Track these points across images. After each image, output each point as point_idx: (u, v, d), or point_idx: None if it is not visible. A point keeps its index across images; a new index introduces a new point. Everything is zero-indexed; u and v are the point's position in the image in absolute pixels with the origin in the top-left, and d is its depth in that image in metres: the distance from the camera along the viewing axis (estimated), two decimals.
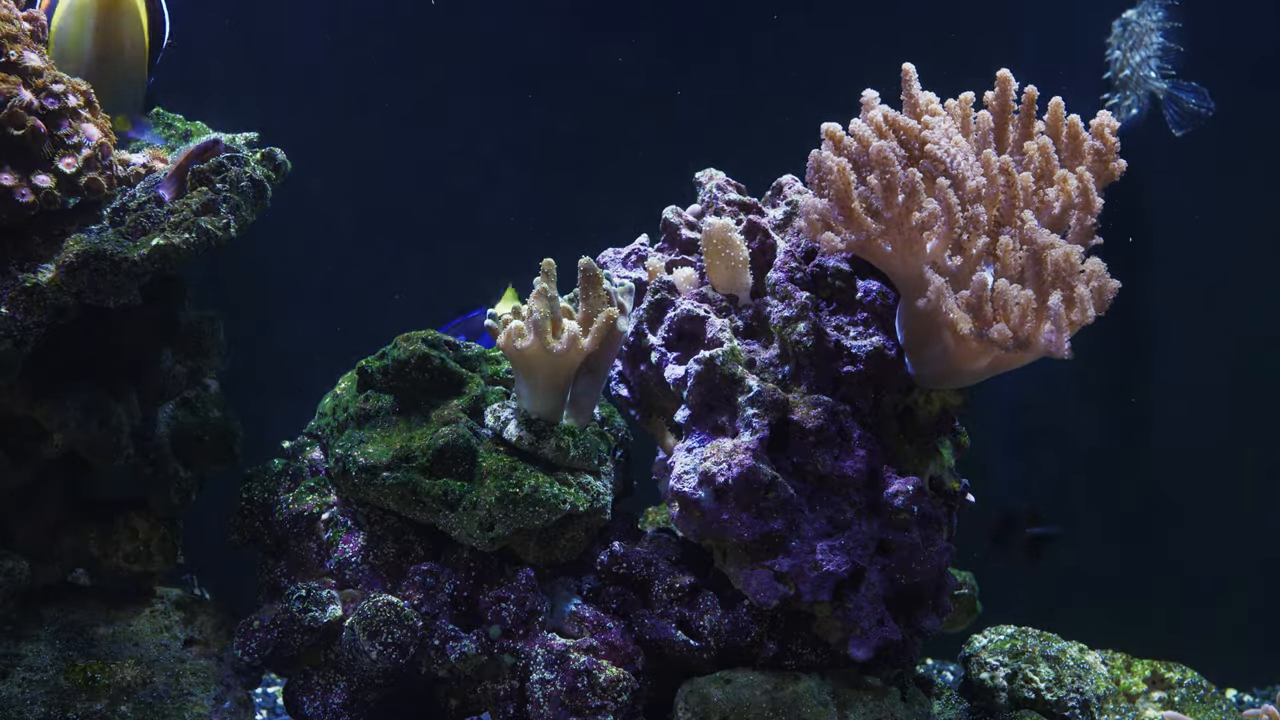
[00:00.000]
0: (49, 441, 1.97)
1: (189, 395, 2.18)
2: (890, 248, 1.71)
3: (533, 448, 1.94)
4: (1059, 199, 1.73)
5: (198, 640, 2.12)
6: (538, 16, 2.83)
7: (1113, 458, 2.97)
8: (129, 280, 1.84)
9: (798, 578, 1.80)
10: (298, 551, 2.06)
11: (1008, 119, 1.81)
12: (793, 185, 2.07)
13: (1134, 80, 2.59)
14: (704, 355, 1.87)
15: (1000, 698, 2.17)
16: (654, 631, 1.90)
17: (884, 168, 1.67)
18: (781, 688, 1.85)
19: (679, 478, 1.83)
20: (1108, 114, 1.78)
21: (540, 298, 1.88)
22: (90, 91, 1.93)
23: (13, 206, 1.81)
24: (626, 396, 2.11)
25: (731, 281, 1.96)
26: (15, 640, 1.98)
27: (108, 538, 2.08)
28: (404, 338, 2.08)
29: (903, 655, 1.90)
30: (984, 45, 2.79)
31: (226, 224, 1.91)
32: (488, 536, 1.90)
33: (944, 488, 1.94)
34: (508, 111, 2.86)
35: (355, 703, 1.97)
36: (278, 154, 2.11)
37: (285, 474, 2.13)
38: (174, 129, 2.16)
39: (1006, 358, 1.70)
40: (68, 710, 1.92)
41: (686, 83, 2.84)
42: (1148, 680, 2.30)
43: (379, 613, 1.89)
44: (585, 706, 1.83)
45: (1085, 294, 1.59)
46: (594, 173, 2.86)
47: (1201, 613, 2.93)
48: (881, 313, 1.87)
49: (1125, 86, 2.61)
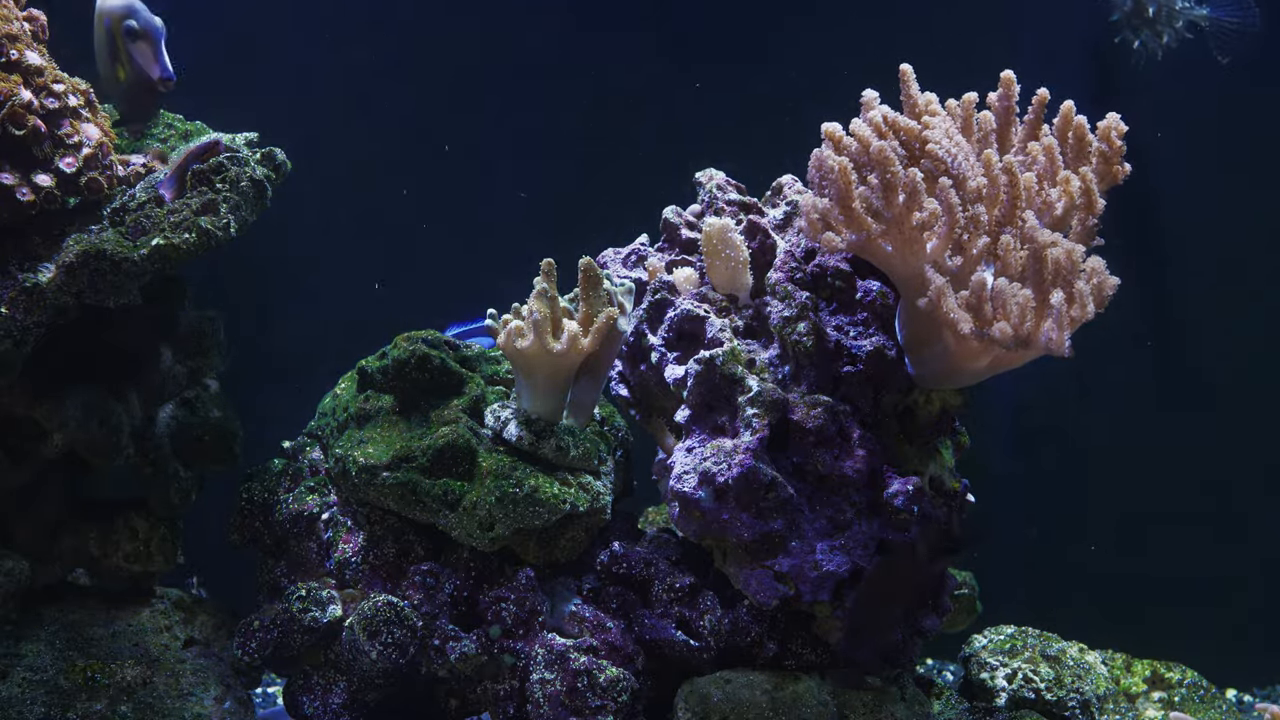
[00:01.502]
0: (49, 441, 1.97)
1: (189, 395, 2.18)
2: (891, 247, 1.71)
3: (533, 448, 1.94)
4: (1061, 199, 1.73)
5: (198, 640, 2.12)
6: (538, 16, 2.83)
7: (1113, 458, 2.97)
8: (129, 280, 1.84)
9: (798, 578, 1.80)
10: (298, 551, 2.06)
11: (1010, 120, 1.81)
12: (793, 185, 2.07)
13: (1163, 16, 2.43)
14: (704, 355, 1.87)
15: (1000, 698, 2.17)
16: (654, 631, 1.90)
17: (884, 167, 1.67)
18: (781, 688, 1.85)
19: (679, 478, 1.83)
20: (1115, 116, 1.77)
21: (540, 298, 1.88)
22: (90, 91, 1.93)
23: (13, 206, 1.81)
24: (626, 396, 2.11)
25: (731, 281, 1.96)
26: (15, 640, 1.98)
27: (108, 538, 2.08)
28: (404, 338, 2.08)
29: (903, 655, 1.90)
30: (984, 46, 2.79)
31: (226, 224, 1.91)
32: (488, 536, 1.90)
33: (944, 488, 1.94)
34: (508, 112, 2.86)
35: (355, 703, 1.97)
36: (278, 154, 2.11)
37: (285, 474, 2.13)
38: (174, 129, 2.16)
39: (1007, 357, 1.70)
40: (68, 710, 1.92)
41: (686, 83, 2.84)
42: (1148, 680, 2.30)
43: (379, 613, 1.89)
44: (585, 706, 1.83)
45: (1084, 290, 1.59)
46: (594, 173, 2.86)
47: (1201, 613, 2.93)
48: (881, 313, 1.87)
49: (1154, 25, 2.44)
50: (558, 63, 2.84)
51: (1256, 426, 2.92)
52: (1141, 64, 2.54)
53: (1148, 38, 2.50)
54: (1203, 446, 2.93)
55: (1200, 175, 2.85)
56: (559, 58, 2.84)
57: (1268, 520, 2.94)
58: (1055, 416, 2.99)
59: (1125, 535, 2.99)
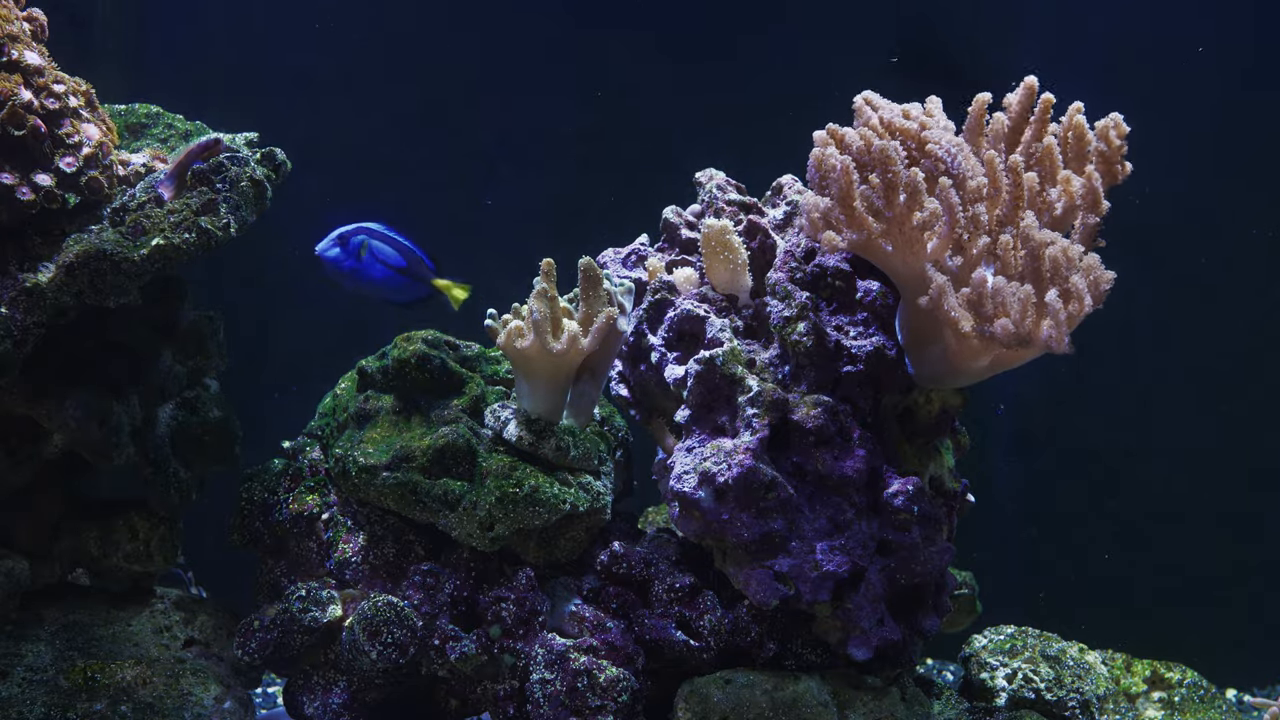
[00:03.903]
0: (49, 441, 1.97)
1: (189, 395, 2.18)
2: (891, 247, 1.71)
3: (533, 448, 1.94)
4: (1061, 199, 1.73)
5: (198, 640, 2.12)
6: (538, 16, 2.83)
7: (1112, 458, 2.97)
8: (129, 280, 1.84)
9: (798, 578, 1.80)
10: (298, 551, 2.06)
11: (1024, 122, 1.81)
12: (793, 185, 2.07)
13: None
14: (704, 355, 1.86)
15: (1000, 698, 2.17)
16: (654, 631, 1.90)
17: (886, 167, 1.67)
18: (781, 688, 1.85)
19: (679, 478, 1.83)
20: (1117, 116, 1.77)
21: (540, 297, 1.88)
22: (91, 91, 1.93)
23: (13, 206, 1.81)
24: (626, 396, 2.11)
25: (731, 282, 1.96)
26: (15, 640, 1.98)
27: (108, 538, 2.08)
28: (404, 338, 2.08)
29: (903, 655, 1.90)
30: (985, 45, 2.79)
31: (226, 224, 1.91)
32: (488, 536, 1.90)
33: (944, 488, 1.94)
34: (508, 111, 2.86)
35: (355, 703, 1.97)
36: (278, 154, 2.11)
37: (285, 474, 2.13)
38: (174, 129, 2.16)
39: (1007, 355, 1.70)
40: (68, 710, 1.92)
41: (686, 83, 2.84)
42: (1148, 680, 2.29)
43: (379, 613, 1.89)
44: (585, 706, 1.83)
45: (1080, 284, 1.59)
46: (594, 173, 2.86)
47: (1201, 613, 2.94)
48: (881, 313, 1.87)
49: None
50: (557, 62, 2.84)
51: (1257, 426, 2.92)
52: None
53: None
54: (1203, 447, 2.93)
55: (1202, 172, 2.85)
56: (559, 57, 2.85)
57: (1268, 520, 2.94)
58: (1055, 417, 2.99)
59: (1125, 535, 2.99)
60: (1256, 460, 2.93)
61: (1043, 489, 2.99)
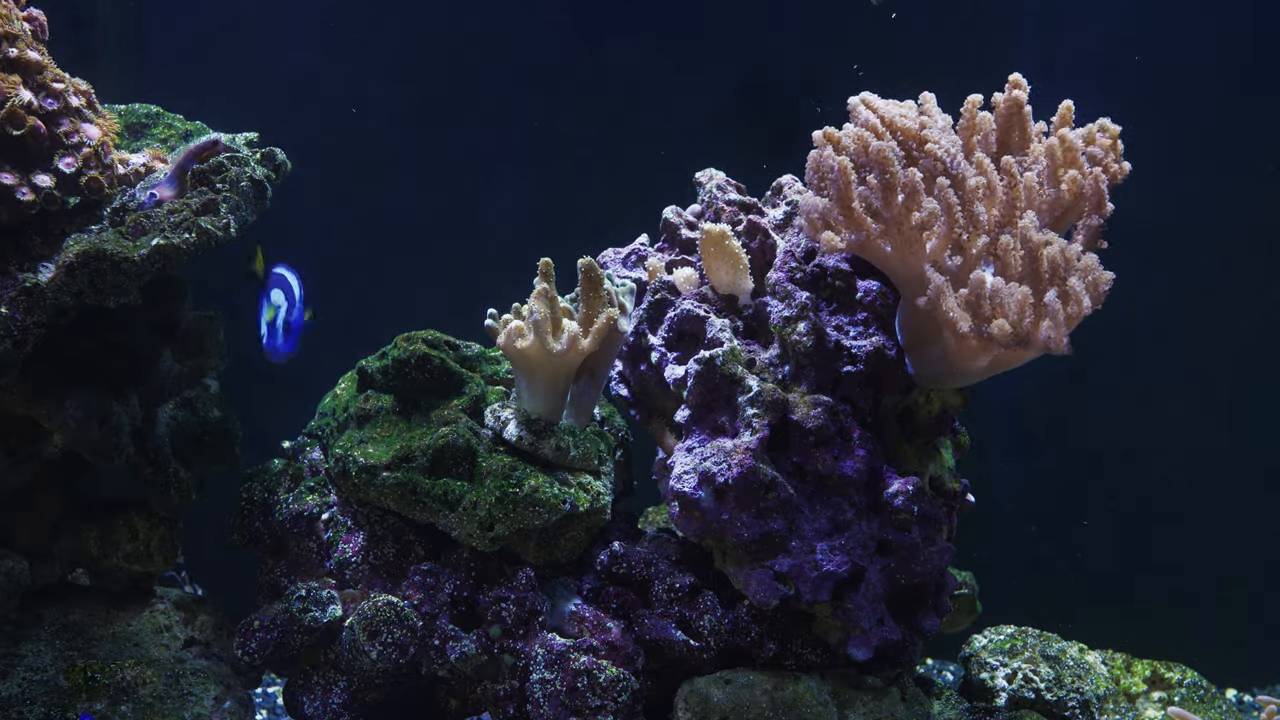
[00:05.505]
0: (49, 441, 1.97)
1: (189, 395, 2.18)
2: (890, 247, 1.71)
3: (532, 448, 1.94)
4: (1061, 199, 1.73)
5: (198, 640, 2.12)
6: (537, 16, 2.83)
7: (1112, 458, 2.97)
8: (129, 280, 1.84)
9: (798, 578, 1.80)
10: (298, 551, 2.06)
11: (1014, 121, 1.81)
12: (793, 185, 2.07)
13: None
14: (704, 355, 1.87)
15: (1000, 698, 2.17)
16: (654, 631, 1.90)
17: (884, 167, 1.67)
18: (781, 688, 1.85)
19: (679, 478, 1.83)
20: (1105, 120, 1.77)
21: (540, 298, 1.88)
22: (91, 91, 1.93)
23: (13, 206, 1.81)
24: (626, 396, 2.11)
25: (731, 282, 1.96)
26: (15, 640, 1.98)
27: (108, 538, 2.08)
28: (404, 338, 2.08)
29: (903, 655, 1.90)
30: (985, 45, 2.79)
31: (226, 224, 1.91)
32: (488, 536, 1.90)
33: (944, 488, 1.94)
34: (507, 111, 2.86)
35: (355, 702, 1.97)
36: (278, 154, 2.11)
37: (285, 474, 2.13)
38: (174, 129, 2.16)
39: (1006, 356, 1.70)
40: (68, 710, 1.92)
41: (686, 82, 2.84)
42: (1148, 680, 2.30)
43: (379, 613, 1.89)
44: (585, 706, 1.83)
45: (1078, 286, 1.59)
46: (594, 173, 2.86)
47: (1201, 613, 2.94)
48: (881, 313, 1.87)
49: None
50: (557, 62, 2.85)
51: (1257, 426, 2.92)
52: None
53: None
54: (1203, 446, 2.93)
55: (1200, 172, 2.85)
56: (558, 57, 2.85)
57: (1267, 520, 2.94)
58: (1056, 416, 2.99)
59: (1125, 535, 2.99)
60: (1257, 460, 2.93)
61: (1043, 489, 2.99)
